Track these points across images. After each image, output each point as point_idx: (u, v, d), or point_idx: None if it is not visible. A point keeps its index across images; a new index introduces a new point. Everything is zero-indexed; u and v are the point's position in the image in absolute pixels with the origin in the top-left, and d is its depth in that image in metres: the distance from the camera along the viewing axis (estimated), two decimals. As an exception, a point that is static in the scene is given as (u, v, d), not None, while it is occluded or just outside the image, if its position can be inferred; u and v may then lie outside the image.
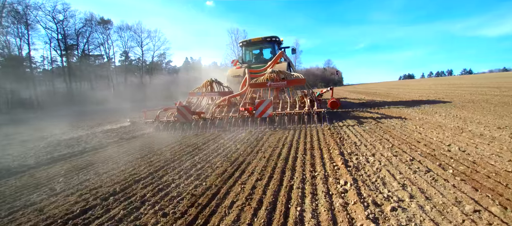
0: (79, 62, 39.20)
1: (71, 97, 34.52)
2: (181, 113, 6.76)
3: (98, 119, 12.56)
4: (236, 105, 7.75)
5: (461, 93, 11.88)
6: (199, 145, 4.65)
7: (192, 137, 5.68)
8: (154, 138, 6.16)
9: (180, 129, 6.68)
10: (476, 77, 53.91)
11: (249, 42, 11.51)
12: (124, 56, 47.52)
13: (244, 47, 11.81)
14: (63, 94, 34.93)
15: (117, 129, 8.18)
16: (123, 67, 46.66)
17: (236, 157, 3.68)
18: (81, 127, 9.33)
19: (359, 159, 3.10)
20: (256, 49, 12.04)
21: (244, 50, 11.87)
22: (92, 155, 4.71)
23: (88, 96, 37.22)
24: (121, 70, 46.10)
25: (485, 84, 17.07)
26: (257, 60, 11.66)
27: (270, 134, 5.20)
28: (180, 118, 6.77)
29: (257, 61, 11.60)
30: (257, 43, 11.53)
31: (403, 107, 8.18)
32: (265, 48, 11.87)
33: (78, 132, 7.94)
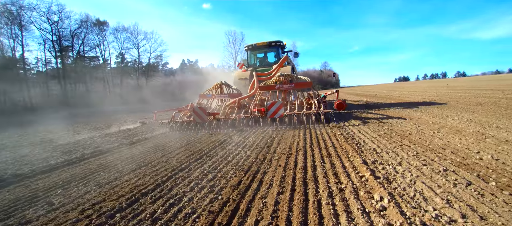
0: (74, 64, 38.57)
1: (66, 100, 33.90)
2: (197, 113, 7.09)
3: (96, 122, 12.19)
4: (245, 106, 8.01)
5: (464, 96, 11.78)
6: (221, 141, 4.39)
7: (207, 138, 5.42)
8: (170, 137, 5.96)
9: (196, 129, 6.98)
10: (470, 79, 54.43)
11: (254, 46, 11.91)
12: (120, 58, 47.00)
13: (249, 51, 12.19)
14: (58, 97, 34.30)
15: (125, 130, 7.87)
16: (119, 69, 46.10)
17: (249, 165, 3.42)
18: (88, 129, 9.00)
19: (386, 169, 2.86)
20: (261, 53, 12.47)
21: (250, 54, 12.26)
22: (93, 162, 4.40)
23: (83, 99, 36.70)
24: (117, 72, 45.52)
25: (484, 87, 17.07)
26: (262, 64, 12.17)
27: (279, 139, 4.94)
28: (197, 119, 7.09)
29: (262, 64, 12.09)
30: (262, 47, 11.96)
31: (410, 109, 8.00)
32: (270, 52, 12.23)
33: (89, 134, 7.61)
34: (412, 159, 3.13)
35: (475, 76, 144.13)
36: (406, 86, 38.23)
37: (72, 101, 33.78)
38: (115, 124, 10.81)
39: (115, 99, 40.66)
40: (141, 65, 47.95)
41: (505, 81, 25.28)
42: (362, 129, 5.34)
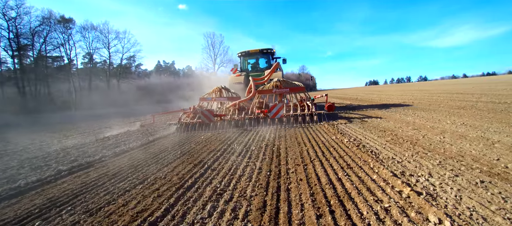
0: (35, 64, 35.25)
1: (25, 104, 30.78)
2: (205, 115, 7.85)
3: (67, 130, 10.98)
4: (245, 108, 8.89)
5: (440, 99, 12.42)
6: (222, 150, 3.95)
7: (203, 146, 4.94)
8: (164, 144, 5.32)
9: (202, 129, 7.61)
10: (434, 83, 58.84)
11: (247, 53, 13.05)
12: (88, 58, 43.94)
13: (242, 57, 13.32)
14: (15, 100, 31.03)
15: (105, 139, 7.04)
16: (87, 70, 43.03)
17: (266, 180, 3.07)
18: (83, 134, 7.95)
19: (420, 181, 2.67)
20: (253, 59, 13.46)
21: (242, 60, 13.38)
22: (73, 180, 3.75)
23: (46, 102, 33.62)
24: (84, 73, 42.43)
25: (452, 91, 18.32)
26: (253, 69, 13.23)
27: (286, 146, 4.64)
28: (204, 120, 7.78)
29: (253, 70, 13.14)
30: (254, 54, 13.09)
31: (398, 112, 8.16)
32: (261, 58, 13.28)
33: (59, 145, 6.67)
34: (439, 168, 2.99)
35: (435, 81, 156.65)
36: (381, 89, 40.15)
37: (32, 105, 30.72)
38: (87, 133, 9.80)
39: (83, 102, 37.90)
40: (111, 66, 45.15)
41: (466, 85, 27.53)
42: (366, 135, 5.22)
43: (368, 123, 6.77)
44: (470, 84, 26.16)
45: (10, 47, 30.60)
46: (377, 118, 7.61)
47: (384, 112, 8.85)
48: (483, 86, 19.87)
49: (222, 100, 9.63)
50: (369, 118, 7.67)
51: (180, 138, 6.75)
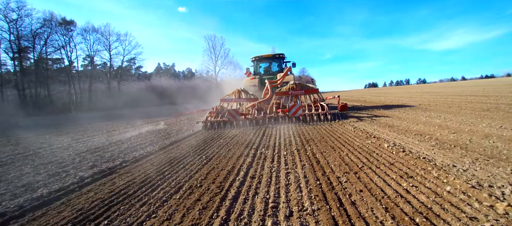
0: (35, 66, 34.87)
1: (25, 106, 30.36)
2: (232, 115, 8.75)
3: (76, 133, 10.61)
4: (262, 109, 9.66)
5: (457, 101, 12.16)
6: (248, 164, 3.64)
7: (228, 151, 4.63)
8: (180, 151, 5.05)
9: (228, 127, 8.37)
10: (436, 86, 58.78)
11: (261, 58, 14.10)
12: (89, 60, 43.61)
13: (256, 62, 14.20)
14: (14, 102, 30.63)
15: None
16: (87, 72, 42.67)
17: (318, 189, 2.75)
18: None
19: (506, 193, 2.37)
20: (266, 63, 14.43)
21: (256, 64, 14.25)
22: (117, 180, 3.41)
23: (46, 105, 33.24)
24: (84, 75, 42.04)
25: (462, 93, 18.10)
26: (266, 73, 14.09)
27: (321, 151, 4.33)
28: (231, 119, 8.65)
29: (266, 73, 14.00)
30: (267, 59, 14.15)
31: (419, 115, 7.86)
32: (273, 62, 14.22)
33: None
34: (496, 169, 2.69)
35: (435, 83, 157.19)
36: (387, 91, 39.99)
37: (33, 108, 30.32)
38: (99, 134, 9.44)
39: (84, 104, 37.54)
40: (112, 68, 44.75)
41: (473, 87, 27.38)
42: (404, 139, 4.92)
43: (396, 125, 6.48)
44: (478, 87, 25.96)
45: (10, 49, 30.16)
46: (401, 119, 7.33)
47: (404, 114, 8.57)
48: (492, 89, 19.66)
49: (241, 102, 10.31)
50: (390, 119, 7.39)
51: (200, 140, 6.44)
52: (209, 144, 6.01)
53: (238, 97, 10.29)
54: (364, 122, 7.49)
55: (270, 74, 13.60)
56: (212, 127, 8.46)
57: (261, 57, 14.05)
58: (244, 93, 10.53)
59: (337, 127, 6.94)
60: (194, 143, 6.30)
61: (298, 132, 6.55)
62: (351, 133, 5.96)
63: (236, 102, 10.21)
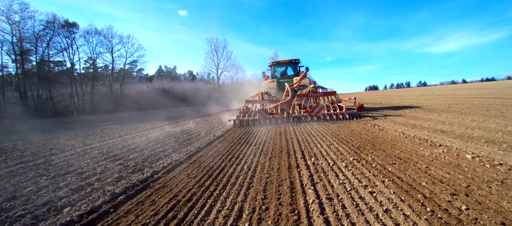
0: (37, 68, 34.35)
1: (26, 109, 29.75)
2: (262, 114, 9.70)
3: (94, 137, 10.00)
4: (285, 109, 10.62)
5: (482, 104, 11.60)
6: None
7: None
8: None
9: (255, 125, 9.45)
10: (443, 88, 58.25)
11: (278, 63, 15.18)
12: (91, 63, 43.10)
13: (273, 66, 15.23)
14: (16, 104, 30.07)
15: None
16: (89, 74, 42.15)
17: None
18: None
19: None
20: (282, 68, 15.28)
21: (273, 68, 15.23)
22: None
23: (48, 107, 32.68)
24: (86, 78, 41.50)
25: (480, 95, 17.56)
26: (282, 76, 14.98)
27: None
28: (261, 117, 9.64)
29: (282, 76, 14.92)
30: (284, 64, 15.06)
31: (458, 117, 7.29)
32: (289, 67, 15.11)
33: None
34: None
35: (435, 86, 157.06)
36: (398, 94, 39.44)
37: (35, 110, 29.75)
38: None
39: (86, 107, 37.01)
40: (114, 71, 44.12)
41: (488, 89, 26.85)
42: (470, 145, 4.34)
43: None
44: (494, 89, 25.42)
45: (13, 51, 29.63)
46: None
47: (438, 117, 7.98)
48: (506, 91, 19.12)
49: (264, 103, 11.10)
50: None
51: (228, 145, 5.85)
52: (240, 150, 5.42)
53: (262, 99, 11.18)
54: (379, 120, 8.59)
55: (286, 78, 14.52)
56: (241, 124, 9.61)
57: (278, 62, 15.22)
58: (267, 95, 11.44)
59: (357, 125, 7.90)
60: (221, 148, 5.71)
61: (330, 132, 6.01)
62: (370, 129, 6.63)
63: (259, 103, 10.96)
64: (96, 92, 41.44)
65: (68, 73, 39.21)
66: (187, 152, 5.64)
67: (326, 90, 10.86)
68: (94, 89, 40.90)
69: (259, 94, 11.35)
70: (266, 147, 5.51)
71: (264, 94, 11.37)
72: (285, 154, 4.73)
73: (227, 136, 7.78)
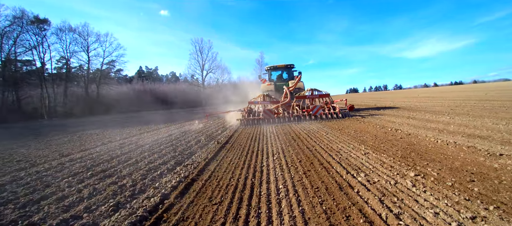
0: (2, 68, 31.22)
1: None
2: (267, 114, 10.68)
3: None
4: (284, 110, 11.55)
5: (476, 105, 11.61)
6: None
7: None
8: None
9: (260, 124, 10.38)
10: (425, 91, 60.70)
11: (275, 67, 16.01)
12: (64, 62, 40.07)
13: (270, 70, 16.17)
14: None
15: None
16: (62, 75, 39.14)
17: None
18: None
19: None
20: (278, 72, 16.30)
21: (270, 72, 16.22)
22: None
23: (14, 110, 29.74)
24: (59, 78, 38.46)
25: (468, 97, 17.98)
26: (278, 80, 16.03)
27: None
28: (266, 117, 10.59)
29: (278, 80, 15.99)
30: (280, 68, 16.06)
31: (466, 118, 6.97)
32: (285, 71, 16.21)
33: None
34: None
35: (409, 89, 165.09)
36: (382, 96, 40.19)
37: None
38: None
39: (57, 110, 34.22)
40: (90, 71, 41.25)
41: (474, 92, 27.90)
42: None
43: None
44: (478, 91, 26.45)
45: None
46: (468, 127, 6.33)
47: (453, 119, 7.63)
48: (483, 93, 19.83)
49: (265, 104, 11.84)
50: (450, 126, 6.38)
51: (245, 151, 5.00)
52: (259, 161, 4.59)
53: (263, 100, 11.97)
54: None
55: (282, 81, 15.70)
56: (247, 123, 10.43)
57: (275, 67, 16.06)
58: (268, 97, 12.17)
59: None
60: (235, 159, 4.85)
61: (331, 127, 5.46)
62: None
63: (261, 104, 11.86)
64: (70, 94, 38.54)
65: (37, 73, 36.10)
66: (194, 164, 4.70)
67: (321, 93, 11.78)
68: (67, 91, 37.97)
69: (260, 96, 12.15)
70: (288, 157, 4.72)
71: (266, 96, 12.14)
72: (319, 166, 3.96)
73: (233, 142, 6.89)
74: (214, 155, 5.38)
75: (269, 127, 9.54)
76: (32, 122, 26.59)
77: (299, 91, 13.12)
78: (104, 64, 42.09)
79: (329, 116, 10.58)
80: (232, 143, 6.84)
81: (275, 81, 15.74)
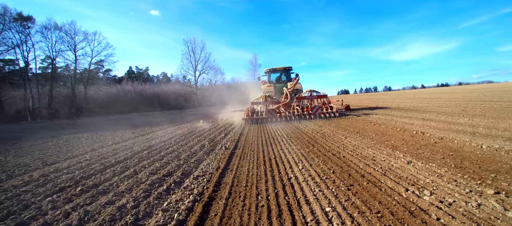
0: (-18, 67, 29.42)
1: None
2: (271, 113, 11.50)
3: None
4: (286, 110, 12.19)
5: (483, 106, 11.30)
6: None
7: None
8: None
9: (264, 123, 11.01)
10: (415, 91, 61.48)
11: (274, 70, 16.70)
12: (49, 62, 38.25)
13: (269, 72, 16.86)
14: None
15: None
16: (47, 75, 37.31)
17: None
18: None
19: None
20: (277, 74, 16.88)
21: (269, 74, 16.87)
22: None
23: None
24: (44, 78, 36.64)
25: (469, 98, 17.86)
26: (278, 82, 16.58)
27: None
28: (270, 116, 11.39)
29: (277, 82, 16.56)
30: (279, 71, 16.71)
31: (484, 120, 6.52)
32: (283, 73, 16.77)
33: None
34: None
35: (398, 91, 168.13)
36: (377, 97, 40.17)
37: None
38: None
39: (44, 111, 32.56)
40: (77, 71, 39.50)
41: (459, 94, 28.04)
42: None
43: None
44: (475, 92, 26.58)
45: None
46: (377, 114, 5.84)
47: (459, 119, 7.17)
48: (480, 94, 19.83)
49: (267, 104, 12.38)
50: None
51: (261, 160, 4.32)
52: (285, 177, 3.90)
53: (265, 101, 12.49)
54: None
55: (280, 83, 16.32)
56: (252, 122, 11.15)
57: (274, 69, 16.71)
58: (269, 98, 12.74)
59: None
60: (253, 169, 4.14)
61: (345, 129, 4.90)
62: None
63: (263, 104, 12.41)
64: (55, 95, 36.75)
65: (21, 73, 34.26)
66: (206, 176, 3.97)
67: (319, 94, 12.37)
68: (53, 92, 36.18)
69: (262, 97, 12.71)
70: (315, 166, 4.05)
71: (267, 97, 12.71)
72: (361, 178, 3.31)
73: (242, 147, 6.17)
74: (226, 163, 4.66)
75: (274, 128, 9.28)
76: (13, 124, 25.02)
77: (298, 92, 13.81)
78: (92, 64, 40.43)
79: (327, 115, 11.39)
80: (241, 147, 6.13)
81: (274, 82, 16.51)
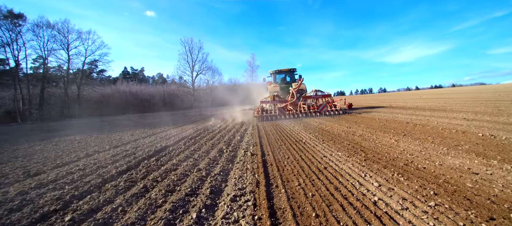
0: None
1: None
2: (281, 111, 12.57)
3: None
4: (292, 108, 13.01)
5: (497, 104, 10.48)
6: None
7: None
8: None
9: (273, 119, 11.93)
10: (406, 93, 61.19)
11: (279, 71, 17.56)
12: (41, 61, 36.65)
13: (275, 74, 17.72)
14: None
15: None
16: (39, 75, 35.69)
17: None
18: None
19: None
20: (282, 75, 17.67)
21: (275, 75, 17.73)
22: None
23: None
24: (35, 78, 35.01)
25: (482, 98, 17.15)
26: (282, 82, 17.36)
27: None
28: (280, 113, 12.38)
29: (282, 82, 17.34)
30: (284, 72, 17.51)
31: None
32: (288, 74, 17.52)
33: None
34: None
35: (393, 92, 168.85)
36: (376, 98, 39.48)
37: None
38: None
39: (34, 112, 31.01)
40: (70, 71, 37.93)
41: (467, 94, 27.46)
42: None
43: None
44: (489, 93, 25.99)
45: None
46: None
47: (487, 117, 6.26)
48: (480, 94, 19.16)
49: (275, 103, 13.00)
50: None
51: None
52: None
53: (273, 100, 13.18)
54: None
55: (285, 83, 17.15)
56: (262, 119, 11.88)
57: (279, 71, 17.57)
58: (277, 97, 13.53)
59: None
60: (306, 188, 3.11)
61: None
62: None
63: (271, 103, 13.08)
64: (47, 95, 35.14)
65: (11, 73, 32.63)
66: (244, 196, 2.93)
67: (324, 93, 13.28)
68: (44, 92, 34.57)
69: (271, 96, 13.48)
70: (397, 184, 3.04)
71: (275, 97, 13.47)
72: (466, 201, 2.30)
73: (269, 152, 5.12)
74: (265, 176, 3.61)
75: (288, 126, 9.38)
76: (2, 126, 23.53)
77: (302, 92, 14.61)
78: (86, 64, 38.90)
79: (331, 113, 12.22)
80: (270, 153, 5.08)
81: (279, 83, 17.34)
